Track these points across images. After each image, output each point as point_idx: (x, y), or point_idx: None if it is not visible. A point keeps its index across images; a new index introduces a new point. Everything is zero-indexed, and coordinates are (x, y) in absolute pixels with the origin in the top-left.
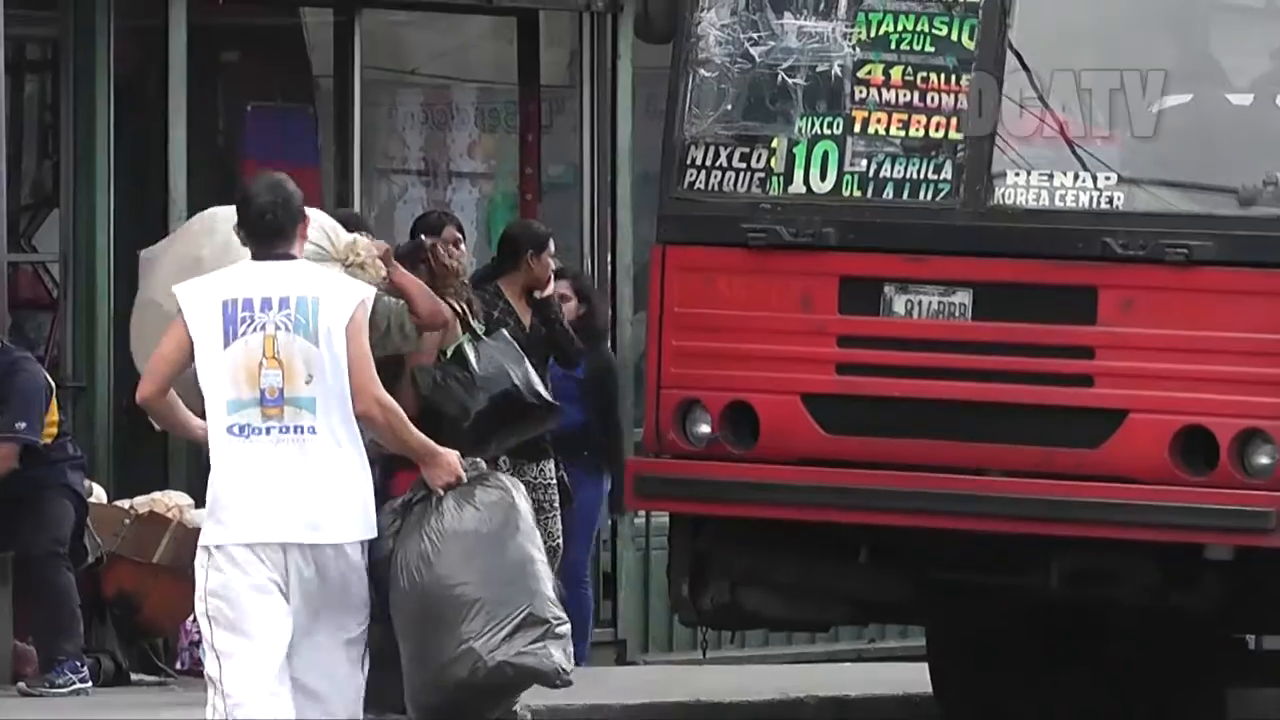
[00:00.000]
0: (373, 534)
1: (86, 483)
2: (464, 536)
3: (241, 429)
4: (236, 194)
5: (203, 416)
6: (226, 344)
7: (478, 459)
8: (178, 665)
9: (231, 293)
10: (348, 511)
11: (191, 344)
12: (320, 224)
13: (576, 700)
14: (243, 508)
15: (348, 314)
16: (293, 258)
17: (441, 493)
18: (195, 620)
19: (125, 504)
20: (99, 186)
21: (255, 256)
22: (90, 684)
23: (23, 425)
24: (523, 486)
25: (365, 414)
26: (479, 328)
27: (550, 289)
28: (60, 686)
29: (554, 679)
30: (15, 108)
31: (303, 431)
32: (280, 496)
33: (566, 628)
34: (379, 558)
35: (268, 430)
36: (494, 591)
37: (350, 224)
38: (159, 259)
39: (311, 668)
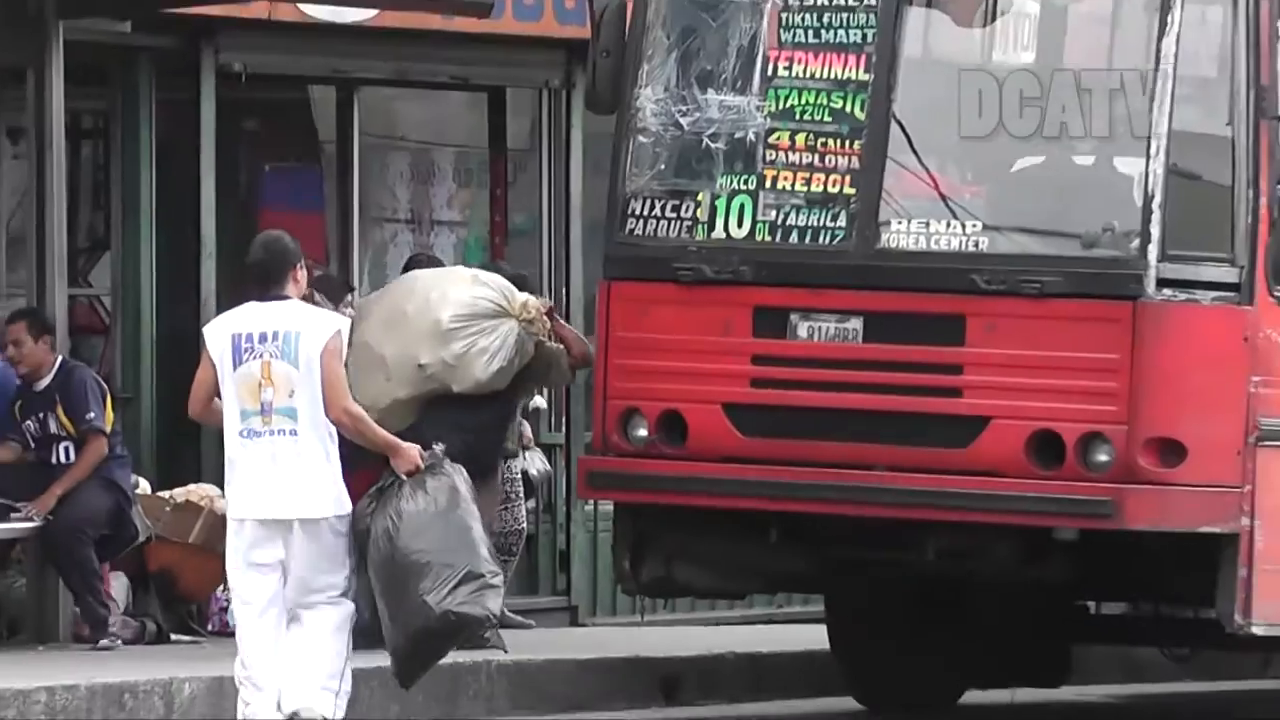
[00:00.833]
0: (345, 510)
1: (134, 477)
2: (417, 515)
3: (248, 433)
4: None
5: None
6: (235, 367)
7: (435, 450)
8: (209, 627)
9: (238, 328)
10: (323, 493)
11: (214, 367)
12: (499, 285)
13: (538, 656)
14: (250, 492)
15: (322, 344)
16: (286, 298)
17: (404, 478)
18: (224, 589)
19: (166, 494)
20: (143, 231)
21: (256, 298)
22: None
23: (92, 415)
24: (464, 471)
25: (336, 420)
26: None
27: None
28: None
29: (486, 624)
30: (73, 167)
31: (287, 434)
32: (274, 484)
33: (499, 579)
34: (359, 533)
35: (266, 433)
36: (440, 555)
37: (521, 284)
38: (371, 309)
39: (309, 630)
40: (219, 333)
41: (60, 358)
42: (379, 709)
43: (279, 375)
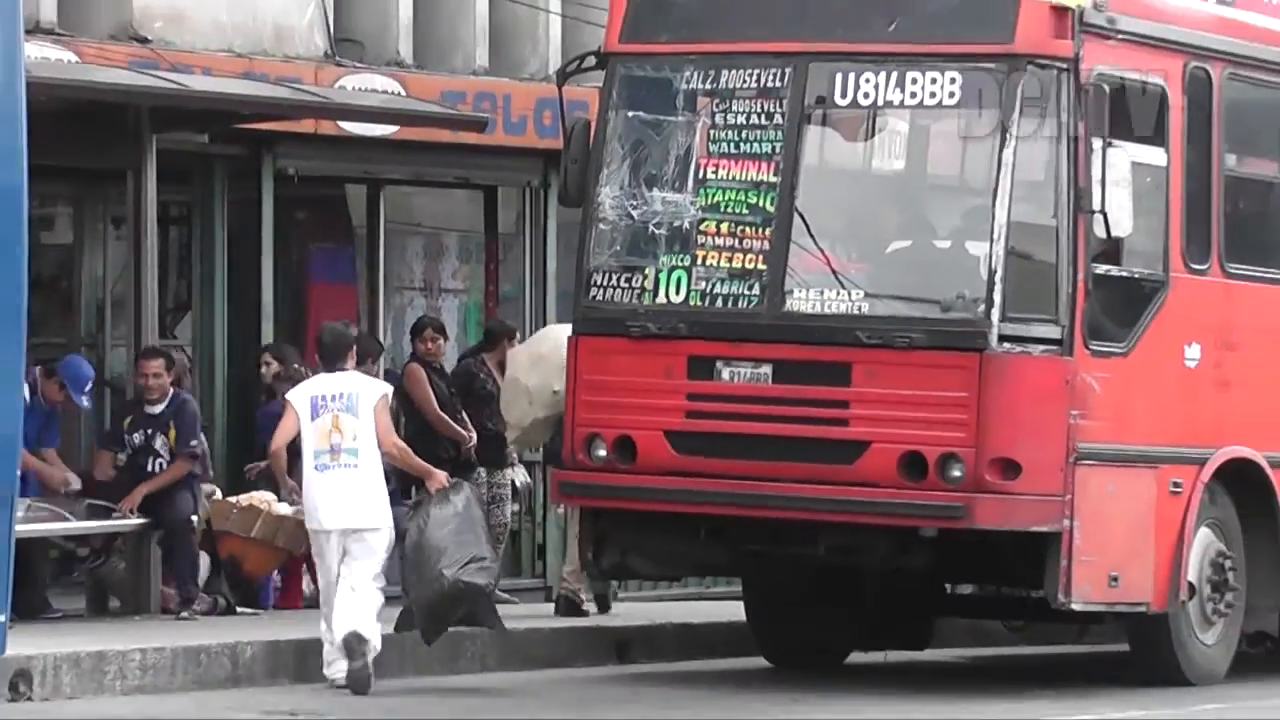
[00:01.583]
0: (388, 522)
1: (208, 486)
2: (442, 516)
3: (320, 466)
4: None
5: None
6: (312, 419)
7: (454, 480)
8: (266, 604)
9: (315, 391)
10: (375, 509)
11: (297, 419)
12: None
13: (520, 625)
14: (325, 509)
15: (373, 402)
16: (345, 369)
17: (433, 494)
18: (277, 573)
19: (233, 499)
20: (216, 297)
21: (325, 370)
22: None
23: (195, 443)
24: (473, 490)
25: (387, 453)
26: None
27: None
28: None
29: (485, 591)
30: (162, 246)
31: (351, 467)
32: (341, 503)
33: (495, 563)
34: (401, 532)
35: (335, 466)
36: (453, 545)
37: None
38: (519, 354)
39: (355, 590)
40: (301, 395)
41: (173, 390)
42: (398, 669)
43: (344, 425)
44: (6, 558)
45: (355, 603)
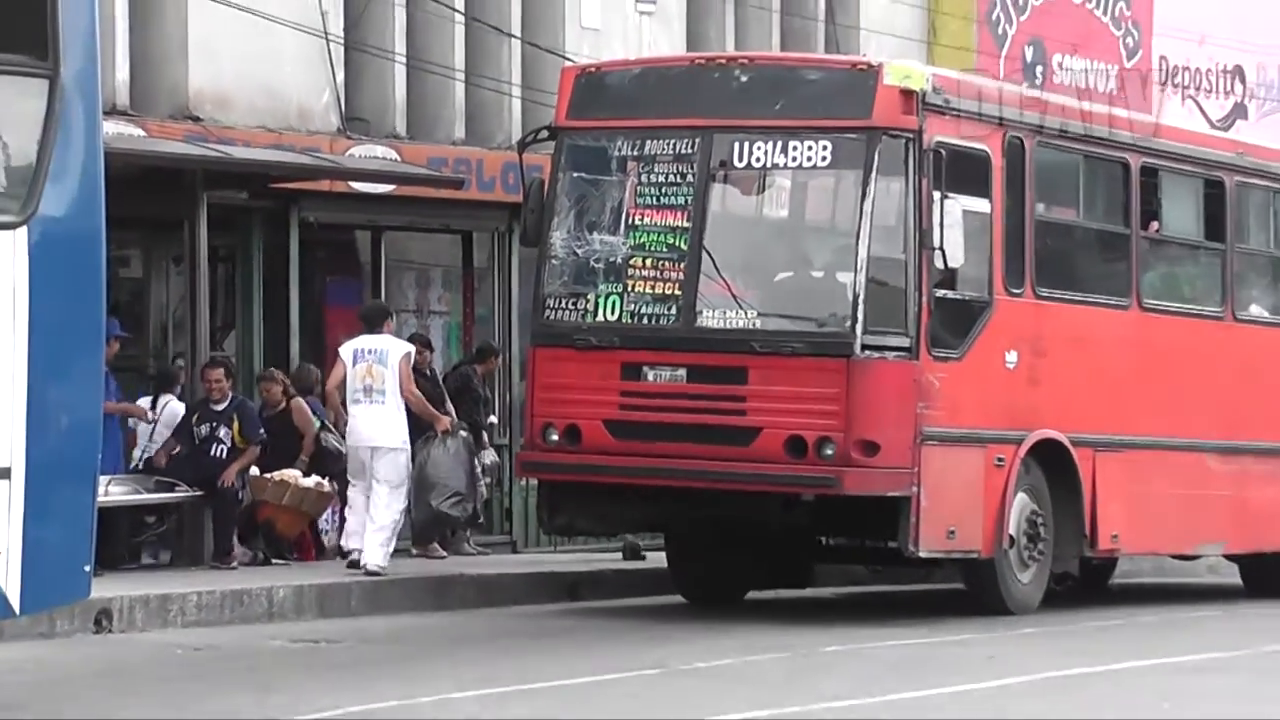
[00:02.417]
0: (405, 446)
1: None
2: (439, 457)
3: (356, 400)
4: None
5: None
6: (353, 366)
7: (459, 423)
8: (294, 556)
9: (358, 346)
10: (395, 434)
11: (345, 366)
12: None
13: (492, 571)
14: (360, 431)
15: (398, 358)
16: (380, 332)
17: (439, 435)
18: (303, 533)
19: (269, 475)
20: (254, 318)
21: (365, 332)
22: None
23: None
24: (466, 440)
25: (405, 398)
26: None
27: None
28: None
29: (459, 521)
30: (212, 278)
31: (379, 403)
32: (372, 427)
33: (468, 502)
34: (411, 464)
35: (366, 402)
36: (442, 483)
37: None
38: None
39: (377, 499)
40: (348, 349)
41: (231, 392)
42: (398, 605)
43: (376, 372)
44: (91, 521)
45: (372, 535)
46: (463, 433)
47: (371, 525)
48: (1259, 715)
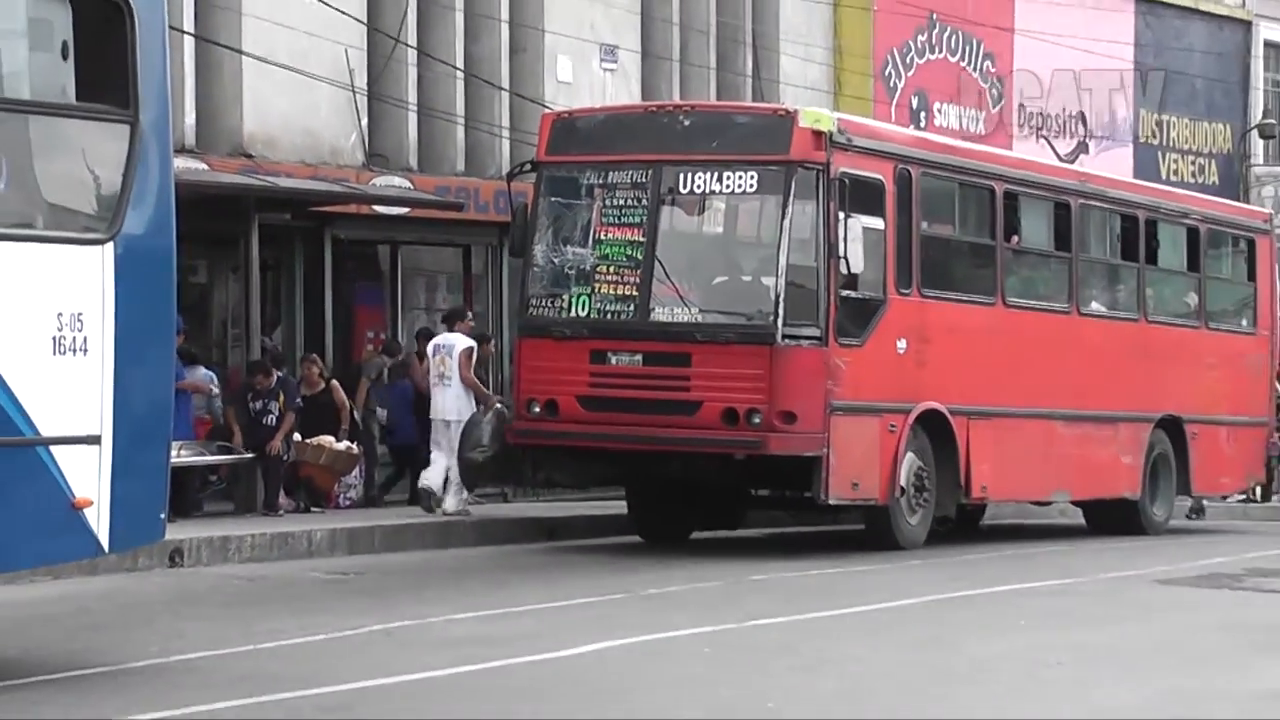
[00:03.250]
0: (467, 417)
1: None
2: (476, 420)
3: (434, 384)
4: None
5: None
6: (432, 358)
7: (500, 399)
8: (332, 506)
9: (435, 341)
10: (460, 410)
11: (427, 359)
12: None
13: (488, 517)
14: (434, 407)
15: (460, 351)
16: (454, 330)
17: (483, 407)
18: (338, 487)
19: (309, 440)
20: (296, 314)
21: (445, 329)
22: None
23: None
24: (500, 412)
25: (463, 382)
26: None
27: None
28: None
29: (480, 464)
30: (263, 284)
31: (447, 385)
32: (442, 405)
33: (488, 451)
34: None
35: (439, 385)
36: (474, 438)
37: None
38: None
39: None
40: (430, 344)
41: (276, 374)
42: (411, 544)
43: (447, 363)
44: (165, 478)
45: (435, 472)
46: (499, 405)
47: (451, 478)
48: (1097, 630)
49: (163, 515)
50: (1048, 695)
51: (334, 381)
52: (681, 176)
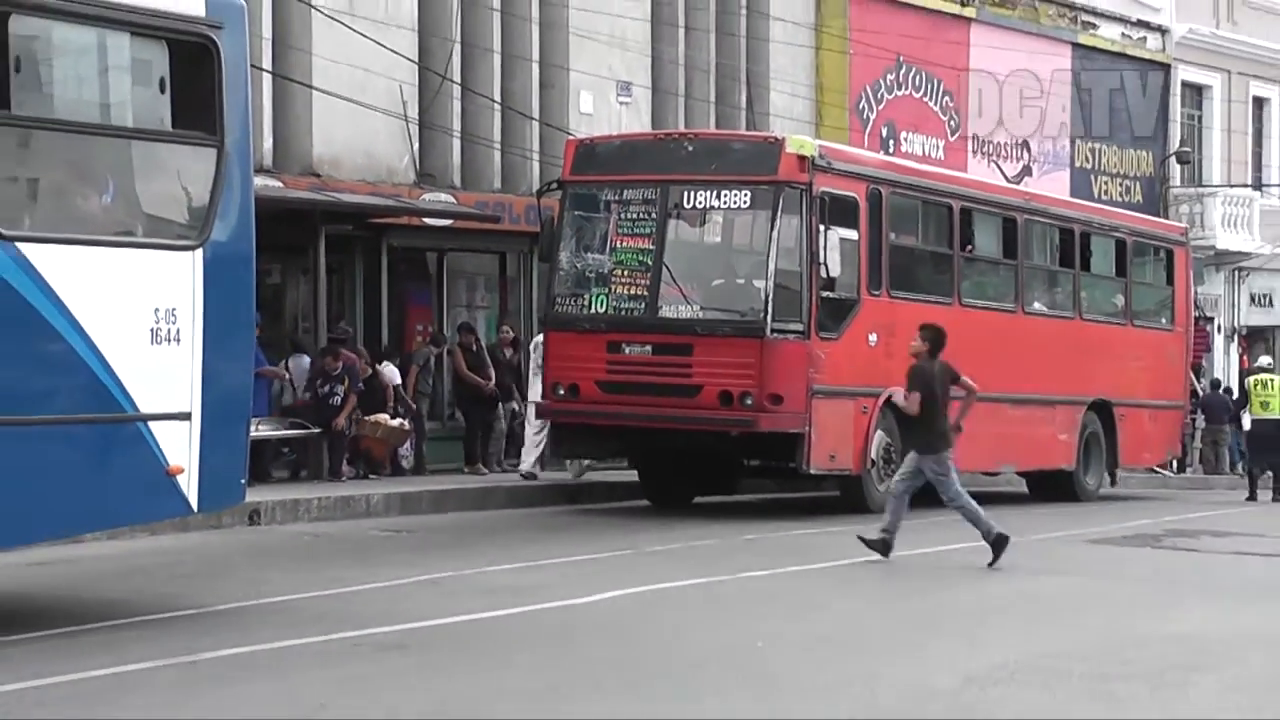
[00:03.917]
0: None
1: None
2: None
3: (533, 374)
4: None
5: None
6: (533, 354)
7: None
8: (386, 472)
9: (536, 340)
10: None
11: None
12: None
13: (523, 485)
14: (531, 390)
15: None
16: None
17: None
18: (388, 457)
19: (367, 417)
20: (358, 311)
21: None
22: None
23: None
24: None
25: None
26: None
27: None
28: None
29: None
30: (329, 285)
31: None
32: (538, 388)
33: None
34: None
35: (536, 375)
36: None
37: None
38: None
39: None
40: (533, 342)
41: (342, 360)
42: (454, 506)
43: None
44: (245, 449)
45: (526, 453)
46: None
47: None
48: (1038, 581)
49: (243, 481)
50: (997, 637)
51: (380, 367)
52: (685, 194)
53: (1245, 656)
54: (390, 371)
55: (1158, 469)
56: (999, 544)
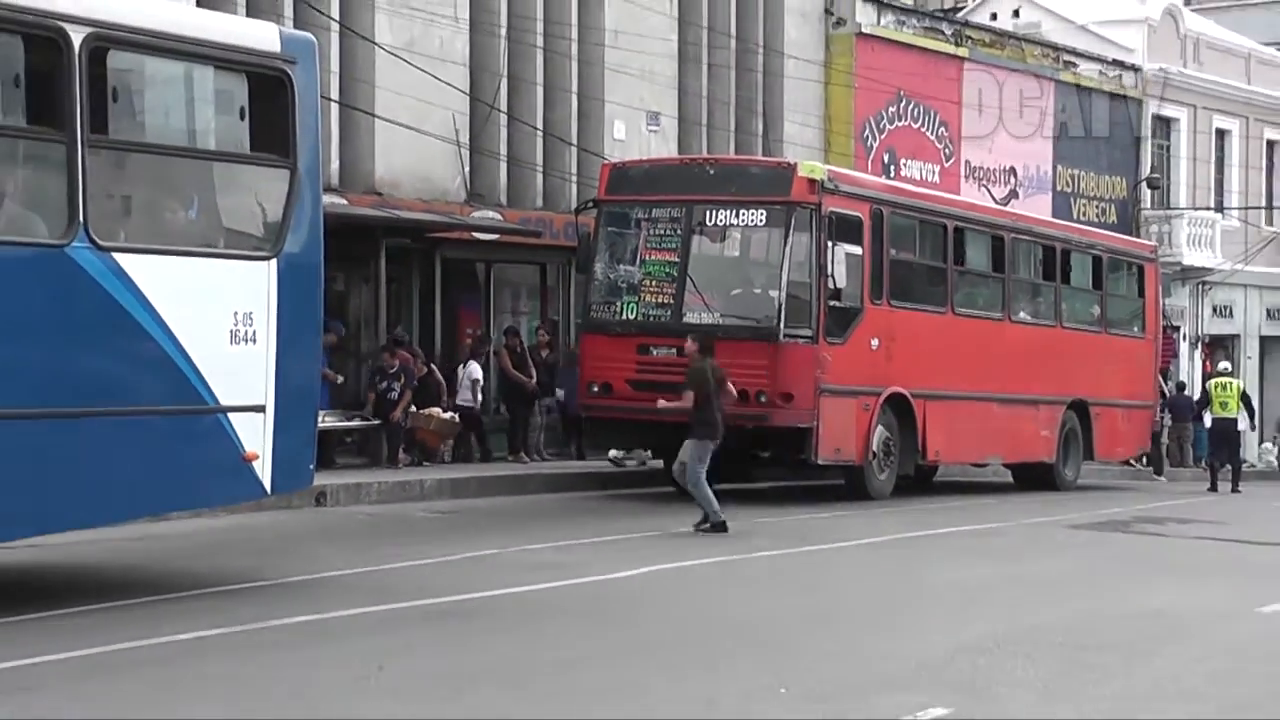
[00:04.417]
0: None
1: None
2: None
3: None
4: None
5: None
6: None
7: None
8: (439, 461)
9: None
10: None
11: None
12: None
13: (553, 471)
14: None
15: None
16: None
17: None
18: (442, 446)
19: (421, 411)
20: (413, 316)
21: None
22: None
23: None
24: None
25: None
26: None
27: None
28: (397, 465)
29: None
30: (389, 293)
31: None
32: None
33: None
34: None
35: None
36: None
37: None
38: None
39: None
40: None
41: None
42: (498, 491)
43: None
44: (313, 438)
45: None
46: None
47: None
48: (1022, 562)
49: (311, 466)
50: (985, 613)
51: (433, 367)
52: (707, 213)
53: (1206, 630)
54: (473, 368)
55: (1132, 462)
56: (718, 527)
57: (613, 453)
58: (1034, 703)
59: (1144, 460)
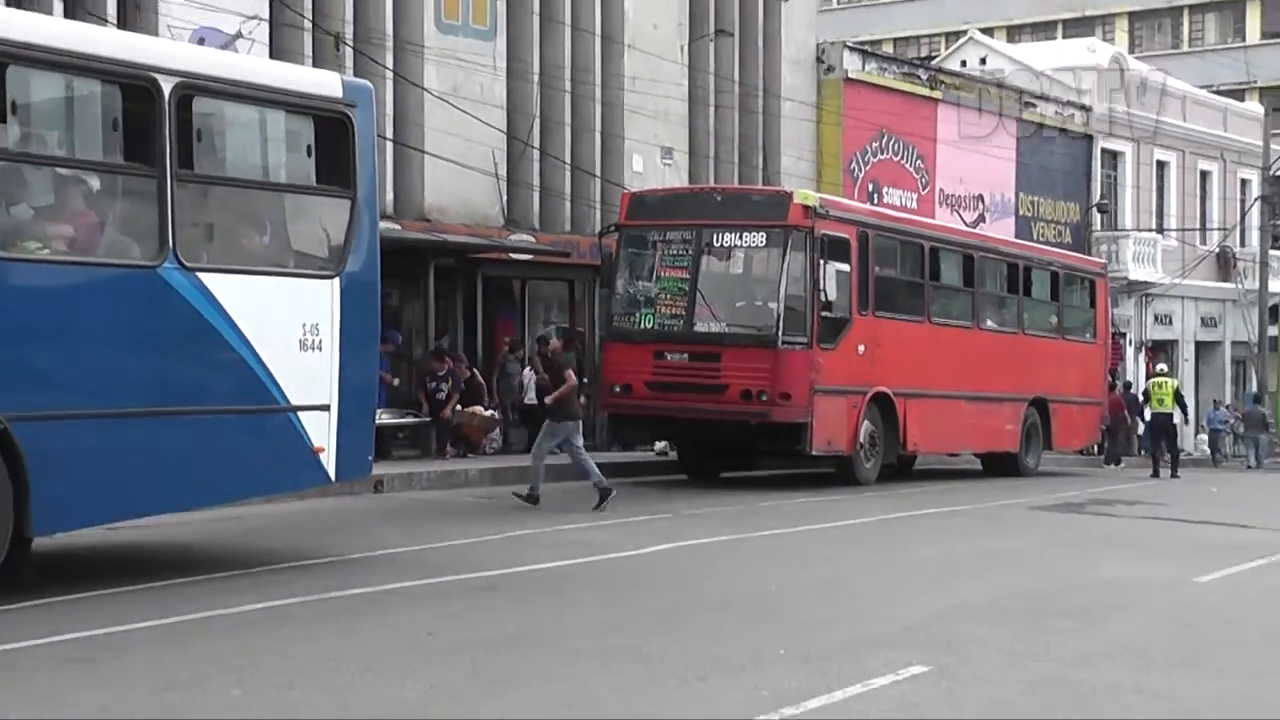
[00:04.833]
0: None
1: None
2: None
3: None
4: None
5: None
6: None
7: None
8: (481, 452)
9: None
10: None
11: None
12: None
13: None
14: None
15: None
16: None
17: None
18: (485, 438)
19: (466, 409)
20: (458, 327)
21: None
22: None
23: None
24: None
25: None
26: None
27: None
28: (445, 457)
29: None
30: (438, 305)
31: None
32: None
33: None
34: None
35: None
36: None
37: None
38: None
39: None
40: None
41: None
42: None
43: None
44: (372, 432)
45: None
46: None
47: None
48: (989, 540)
49: (370, 458)
50: (960, 583)
51: (475, 372)
52: (715, 235)
53: (1151, 597)
54: (527, 374)
55: (1085, 452)
56: (604, 494)
57: (658, 445)
58: (1003, 660)
59: (1094, 449)
